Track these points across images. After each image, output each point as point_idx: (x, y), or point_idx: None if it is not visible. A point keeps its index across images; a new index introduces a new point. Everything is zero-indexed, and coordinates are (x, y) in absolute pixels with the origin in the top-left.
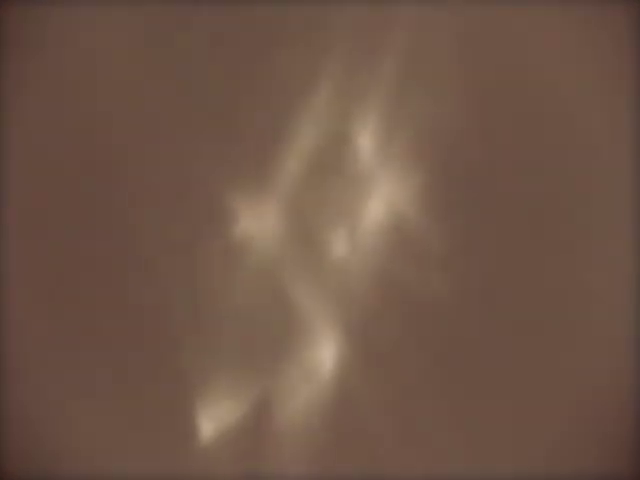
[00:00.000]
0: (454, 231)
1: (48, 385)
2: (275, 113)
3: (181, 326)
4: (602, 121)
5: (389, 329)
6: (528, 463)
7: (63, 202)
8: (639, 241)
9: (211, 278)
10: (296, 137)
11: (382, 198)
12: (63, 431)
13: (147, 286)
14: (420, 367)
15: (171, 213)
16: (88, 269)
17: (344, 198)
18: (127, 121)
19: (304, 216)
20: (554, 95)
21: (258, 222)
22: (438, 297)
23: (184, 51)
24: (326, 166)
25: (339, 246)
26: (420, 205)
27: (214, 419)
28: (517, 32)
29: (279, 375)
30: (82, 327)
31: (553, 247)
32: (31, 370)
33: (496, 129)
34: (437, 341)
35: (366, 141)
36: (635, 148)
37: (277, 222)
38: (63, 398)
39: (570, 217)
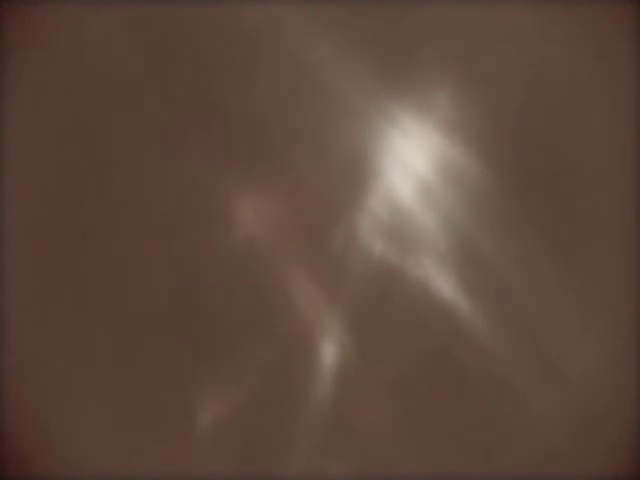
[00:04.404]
0: (456, 224)
1: (46, 384)
2: (275, 111)
3: (181, 322)
4: (602, 121)
5: (390, 324)
6: (528, 463)
7: (62, 201)
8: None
9: (211, 276)
10: (298, 134)
11: (385, 190)
12: (60, 428)
13: (147, 285)
14: (421, 362)
15: (171, 212)
16: (87, 270)
17: (346, 193)
18: (127, 121)
19: (305, 212)
20: (553, 95)
21: (259, 220)
22: (440, 290)
23: (185, 50)
24: (327, 162)
25: (341, 242)
26: (424, 196)
27: (213, 414)
28: (515, 32)
29: (280, 370)
30: (82, 327)
31: (554, 247)
32: (30, 369)
33: (495, 129)
34: (439, 335)
35: (366, 136)
36: (636, 148)
37: (278, 218)
38: (61, 395)
39: (569, 214)
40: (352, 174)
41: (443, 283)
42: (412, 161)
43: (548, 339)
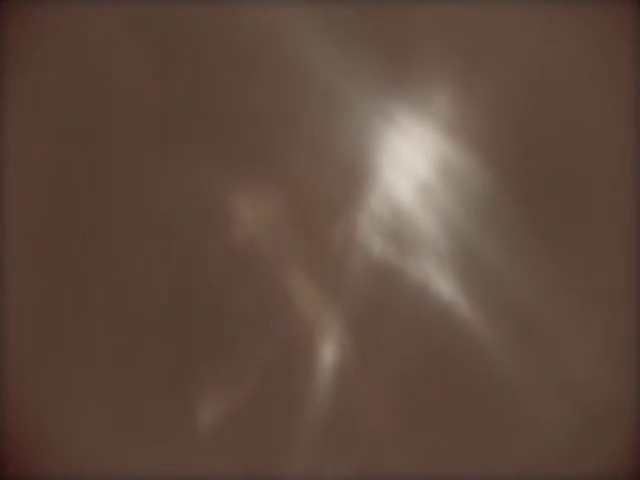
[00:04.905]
0: (455, 223)
1: (46, 384)
2: (275, 111)
3: (181, 322)
4: (602, 121)
5: (390, 325)
6: (528, 463)
7: (62, 201)
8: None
9: (211, 276)
10: (297, 134)
11: (384, 191)
12: (60, 428)
13: (148, 285)
14: (421, 362)
15: (170, 212)
16: (87, 270)
17: (345, 193)
18: (127, 121)
19: (305, 213)
20: (553, 94)
21: (258, 220)
22: (439, 291)
23: (185, 50)
24: (326, 162)
25: (341, 242)
26: (423, 197)
27: (213, 414)
28: (516, 32)
29: (279, 370)
30: (82, 327)
31: (554, 248)
32: (30, 369)
33: (495, 129)
34: (438, 336)
35: (367, 135)
36: (637, 147)
37: (277, 218)
38: (61, 395)
39: (570, 214)
40: (351, 174)
41: (442, 283)
42: (412, 161)
43: (548, 340)
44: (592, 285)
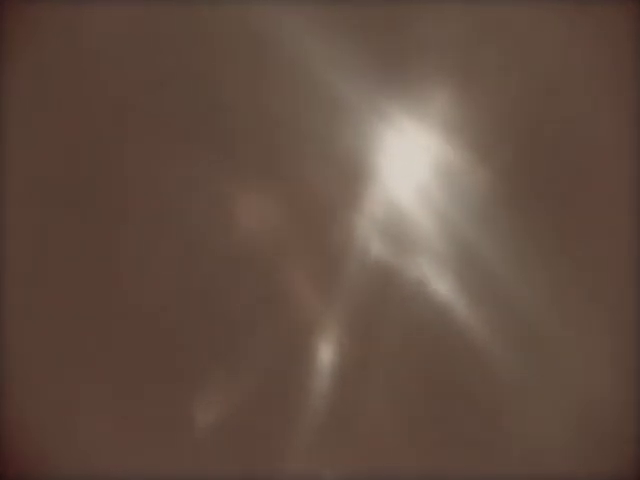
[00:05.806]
0: (454, 224)
1: (47, 384)
2: (274, 112)
3: (180, 322)
4: (603, 120)
5: (388, 325)
6: (528, 463)
7: (61, 203)
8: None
9: (209, 276)
10: (296, 134)
11: (382, 191)
12: (60, 429)
13: (146, 285)
14: (419, 362)
15: (170, 211)
16: (86, 270)
17: (344, 194)
18: (127, 120)
19: (304, 213)
20: (553, 95)
21: (257, 221)
22: (437, 291)
23: (182, 49)
24: (325, 163)
25: (340, 242)
26: (422, 197)
27: (212, 415)
28: (516, 32)
29: (279, 370)
30: (80, 326)
31: (552, 248)
32: (30, 370)
33: (493, 129)
34: (436, 336)
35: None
36: (637, 148)
37: (276, 218)
38: (60, 396)
39: (568, 214)
40: (351, 175)
41: (440, 284)
42: (410, 161)
43: (547, 340)
44: (592, 285)
